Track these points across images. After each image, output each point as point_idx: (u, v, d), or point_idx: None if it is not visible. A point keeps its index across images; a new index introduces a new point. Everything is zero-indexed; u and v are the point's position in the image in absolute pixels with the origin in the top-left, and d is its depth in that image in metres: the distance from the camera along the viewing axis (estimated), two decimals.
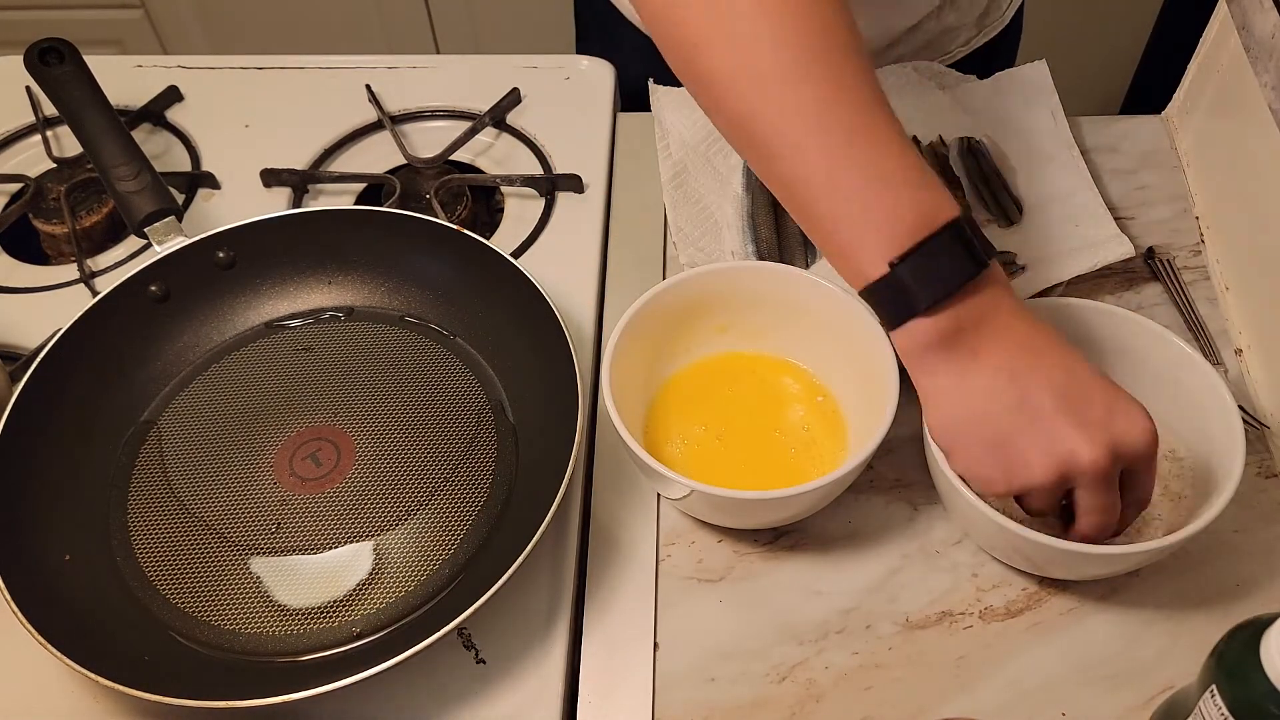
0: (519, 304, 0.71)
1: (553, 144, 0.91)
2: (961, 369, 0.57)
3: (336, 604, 0.64)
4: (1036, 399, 0.56)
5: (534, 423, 0.70)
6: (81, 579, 0.64)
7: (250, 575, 0.65)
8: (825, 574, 0.67)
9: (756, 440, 0.69)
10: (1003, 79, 0.89)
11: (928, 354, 0.58)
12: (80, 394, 0.70)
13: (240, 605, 0.64)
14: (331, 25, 1.77)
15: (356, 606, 0.64)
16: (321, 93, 0.95)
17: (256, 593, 0.64)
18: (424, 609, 0.63)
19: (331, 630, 0.63)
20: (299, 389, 0.73)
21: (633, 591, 0.66)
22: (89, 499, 0.68)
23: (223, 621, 0.63)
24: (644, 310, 0.68)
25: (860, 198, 0.56)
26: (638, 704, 0.62)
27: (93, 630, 0.61)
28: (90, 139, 0.77)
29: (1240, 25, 0.77)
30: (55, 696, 0.62)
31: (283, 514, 0.67)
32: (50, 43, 0.80)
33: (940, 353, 0.57)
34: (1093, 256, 0.77)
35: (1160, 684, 0.61)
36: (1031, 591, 0.66)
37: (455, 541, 0.66)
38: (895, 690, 0.62)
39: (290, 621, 0.63)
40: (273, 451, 0.70)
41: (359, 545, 0.66)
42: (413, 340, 0.75)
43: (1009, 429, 0.56)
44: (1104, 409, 0.56)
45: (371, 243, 0.77)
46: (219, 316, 0.76)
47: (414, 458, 0.69)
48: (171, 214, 0.75)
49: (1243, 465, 0.60)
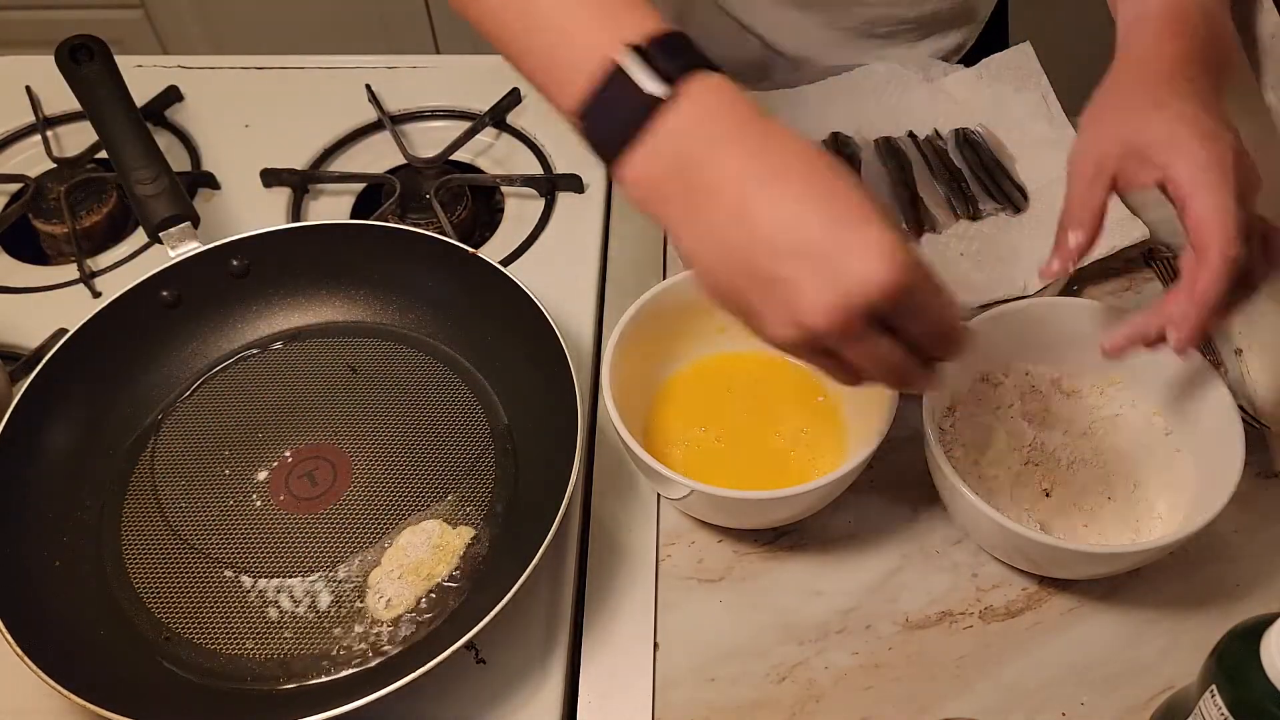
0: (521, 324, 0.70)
1: (553, 144, 0.91)
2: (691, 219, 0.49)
3: (338, 625, 0.63)
4: (760, 251, 0.47)
5: (534, 437, 0.70)
6: (68, 587, 0.64)
7: (243, 595, 0.64)
8: (825, 574, 0.67)
9: (756, 440, 0.69)
10: (990, 65, 0.89)
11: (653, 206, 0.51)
12: (84, 397, 0.70)
13: (232, 625, 0.63)
14: (331, 25, 1.77)
15: (360, 627, 0.63)
16: (321, 93, 0.95)
17: (249, 613, 0.64)
18: (428, 628, 0.63)
19: (337, 652, 0.62)
20: (300, 404, 0.73)
21: (633, 592, 0.66)
22: (84, 506, 0.68)
23: (215, 644, 0.62)
24: (644, 310, 0.68)
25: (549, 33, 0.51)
26: (638, 704, 0.62)
27: (72, 642, 0.61)
28: (113, 139, 0.77)
29: (1240, 25, 0.77)
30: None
31: (276, 534, 0.67)
32: (81, 40, 0.80)
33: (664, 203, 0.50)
34: (1107, 240, 0.76)
35: (1160, 684, 0.61)
36: (1031, 591, 0.66)
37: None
38: (895, 690, 0.62)
39: (288, 643, 0.62)
40: (269, 469, 0.69)
41: (357, 563, 0.65)
42: (415, 357, 0.75)
43: (746, 290, 0.49)
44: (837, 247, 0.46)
45: (385, 258, 0.76)
46: (228, 325, 0.76)
47: (411, 476, 0.69)
48: (188, 220, 0.75)
49: (1242, 465, 0.60)
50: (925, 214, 0.80)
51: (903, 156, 0.83)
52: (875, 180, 0.81)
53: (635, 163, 0.50)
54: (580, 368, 0.71)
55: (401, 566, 0.64)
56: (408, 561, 0.65)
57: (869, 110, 0.88)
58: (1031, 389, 0.70)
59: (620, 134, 0.50)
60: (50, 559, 0.65)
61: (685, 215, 0.50)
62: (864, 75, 0.90)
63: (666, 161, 0.49)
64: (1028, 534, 0.59)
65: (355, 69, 0.97)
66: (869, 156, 0.83)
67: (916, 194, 0.81)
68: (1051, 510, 0.65)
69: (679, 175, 0.49)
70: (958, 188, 0.81)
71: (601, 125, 0.51)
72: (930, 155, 0.83)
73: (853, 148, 0.84)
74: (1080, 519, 0.65)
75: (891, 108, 0.88)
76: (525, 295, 0.70)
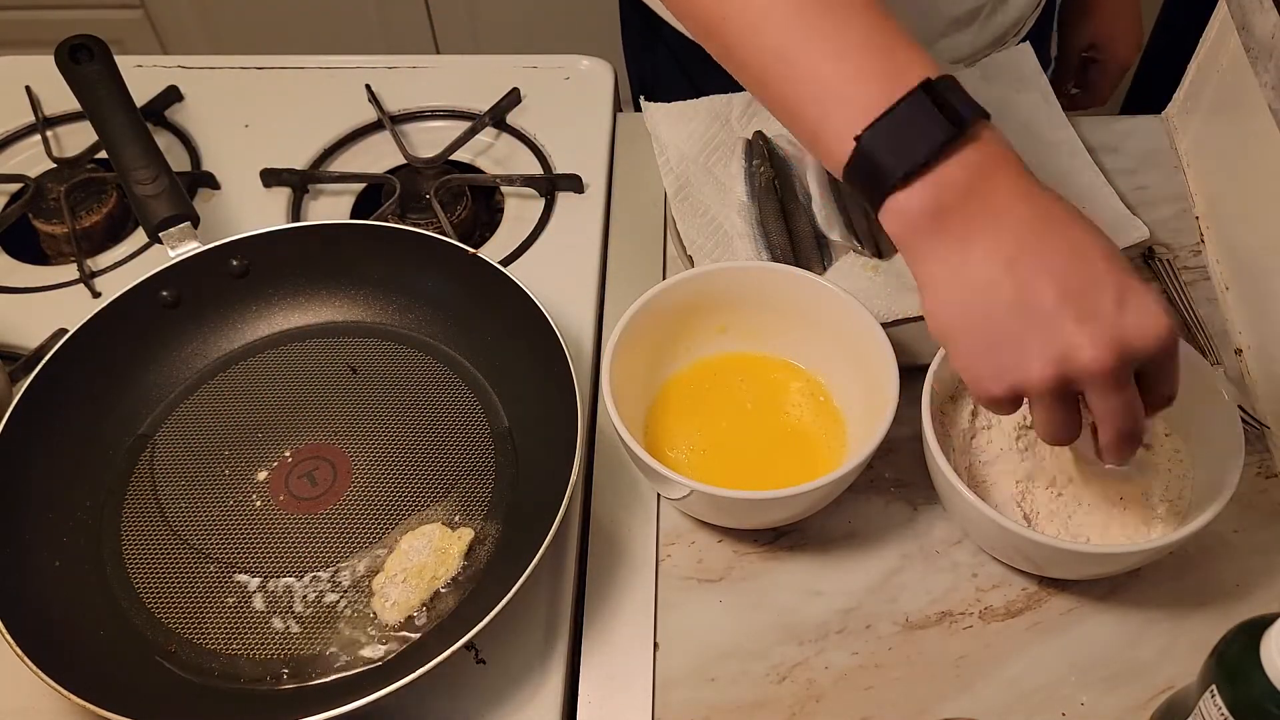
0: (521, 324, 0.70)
1: (553, 144, 0.91)
2: (954, 256, 0.51)
3: (338, 625, 0.63)
4: (1035, 291, 0.49)
5: (534, 437, 0.70)
6: (68, 587, 0.64)
7: (242, 595, 0.64)
8: (825, 574, 0.67)
9: (756, 440, 0.69)
10: (989, 65, 0.89)
11: (917, 238, 0.51)
12: (84, 397, 0.70)
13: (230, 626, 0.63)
14: (331, 25, 1.77)
15: (361, 627, 0.63)
16: (321, 93, 0.95)
17: (248, 613, 0.63)
18: (429, 628, 0.63)
19: (336, 652, 0.62)
20: (300, 404, 0.73)
21: (633, 592, 0.66)
22: (84, 506, 0.68)
23: (215, 644, 0.62)
24: (644, 310, 0.68)
25: (820, 72, 0.51)
26: (638, 704, 0.62)
27: (72, 642, 0.61)
28: (113, 139, 0.77)
29: (1240, 25, 0.77)
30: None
31: (276, 534, 0.67)
32: (81, 40, 0.80)
33: (929, 236, 0.51)
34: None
35: (1160, 684, 0.61)
36: (1031, 591, 0.66)
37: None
38: (895, 690, 0.62)
39: (288, 643, 0.62)
40: (269, 469, 0.69)
41: (357, 563, 0.65)
42: (415, 357, 0.74)
43: (1005, 326, 0.50)
44: (1113, 301, 0.49)
45: (385, 258, 0.76)
46: (228, 325, 0.76)
47: (411, 476, 0.69)
48: (188, 220, 0.75)
49: (1242, 465, 0.60)
50: None
51: None
52: None
53: (914, 194, 0.51)
54: (580, 368, 0.71)
55: (405, 570, 0.64)
56: (411, 565, 0.64)
57: None
58: None
59: (908, 162, 0.50)
60: (50, 559, 0.65)
61: (957, 248, 0.51)
62: None
63: (950, 196, 0.50)
64: (1027, 534, 0.59)
65: (355, 69, 0.97)
66: None
67: None
68: (1051, 510, 0.65)
69: (960, 210, 0.50)
70: None
71: (887, 151, 0.50)
72: None
73: None
74: (1080, 519, 0.65)
75: None
76: (525, 295, 0.70)
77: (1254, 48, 0.75)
